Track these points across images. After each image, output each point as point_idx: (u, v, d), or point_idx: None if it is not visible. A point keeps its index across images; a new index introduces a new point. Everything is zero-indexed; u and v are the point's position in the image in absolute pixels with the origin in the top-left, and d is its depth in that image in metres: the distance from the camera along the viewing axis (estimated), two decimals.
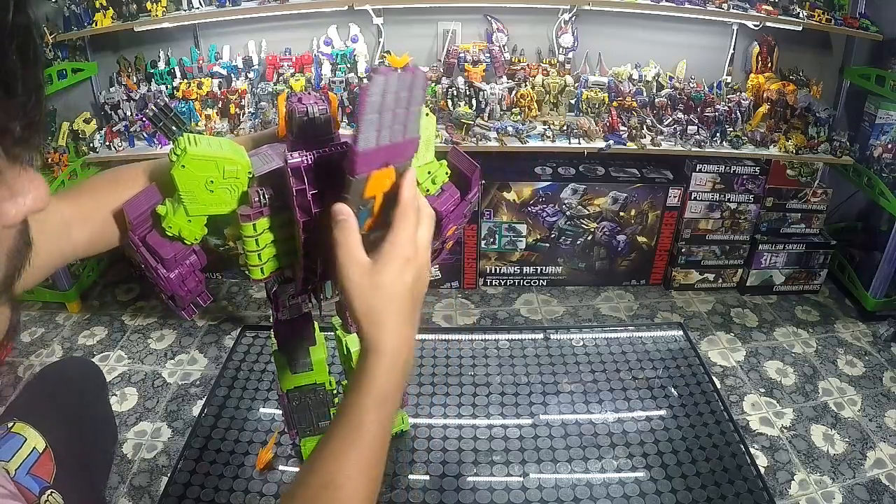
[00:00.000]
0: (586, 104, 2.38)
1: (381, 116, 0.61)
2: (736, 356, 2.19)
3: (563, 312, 2.44)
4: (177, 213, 0.75)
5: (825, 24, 2.22)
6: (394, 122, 0.63)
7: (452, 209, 0.89)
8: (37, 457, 0.89)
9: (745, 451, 1.04)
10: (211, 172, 0.73)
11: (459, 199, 0.89)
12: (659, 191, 2.40)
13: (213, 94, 2.40)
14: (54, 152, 2.36)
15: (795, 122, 2.38)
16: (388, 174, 0.64)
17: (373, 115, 0.60)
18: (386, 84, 0.60)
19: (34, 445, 0.90)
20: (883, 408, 1.97)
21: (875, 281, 2.33)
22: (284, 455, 1.04)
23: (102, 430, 1.09)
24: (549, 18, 2.41)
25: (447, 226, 0.89)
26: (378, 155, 0.63)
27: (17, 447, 0.88)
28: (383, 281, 0.61)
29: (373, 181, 0.64)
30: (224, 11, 2.24)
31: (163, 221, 0.76)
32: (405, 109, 0.63)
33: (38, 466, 0.89)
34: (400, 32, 2.45)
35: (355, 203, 0.64)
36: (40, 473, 0.89)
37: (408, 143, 0.64)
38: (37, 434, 0.91)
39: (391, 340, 0.62)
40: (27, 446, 0.89)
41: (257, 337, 1.32)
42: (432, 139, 0.84)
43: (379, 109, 0.60)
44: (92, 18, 2.21)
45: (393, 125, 0.63)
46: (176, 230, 0.76)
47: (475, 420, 1.10)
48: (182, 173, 0.73)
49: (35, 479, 0.88)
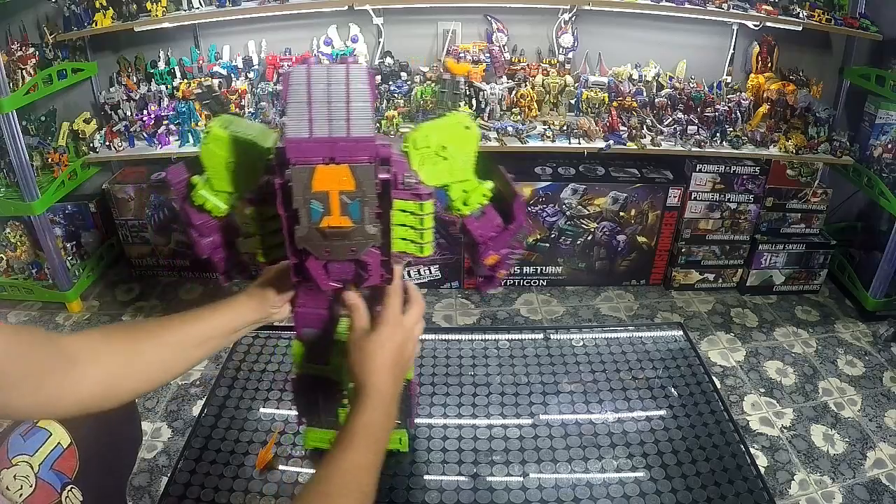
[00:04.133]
0: (586, 104, 2.38)
1: (311, 107, 0.62)
2: (736, 356, 2.19)
3: (563, 312, 2.44)
4: (204, 186, 0.79)
5: (825, 24, 2.22)
6: (331, 116, 0.63)
7: (492, 235, 0.84)
8: (61, 452, 0.89)
9: (745, 451, 1.04)
10: (231, 154, 0.76)
11: (501, 227, 0.84)
12: (659, 191, 2.40)
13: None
14: (54, 152, 2.36)
15: (795, 122, 2.38)
16: (342, 172, 0.64)
17: (299, 104, 0.62)
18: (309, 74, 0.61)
19: (59, 441, 0.90)
20: (883, 408, 1.96)
21: (875, 281, 2.33)
22: (284, 455, 1.04)
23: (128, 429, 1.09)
24: (549, 18, 2.41)
25: (485, 252, 0.85)
26: (316, 147, 0.62)
27: (42, 441, 0.88)
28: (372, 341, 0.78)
29: (320, 175, 0.64)
30: (224, 11, 2.24)
31: (192, 191, 0.80)
32: (344, 104, 0.63)
33: (61, 462, 0.89)
34: (400, 32, 2.45)
35: (301, 194, 0.65)
36: (63, 469, 0.89)
37: (358, 142, 0.63)
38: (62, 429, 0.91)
39: (377, 383, 0.76)
40: (52, 441, 0.89)
41: (257, 337, 1.32)
42: (471, 154, 0.78)
43: (306, 99, 0.62)
44: (92, 18, 2.21)
45: (331, 119, 0.62)
46: (201, 201, 0.80)
47: (475, 420, 1.09)
48: (207, 150, 0.77)
49: (58, 475, 0.88)
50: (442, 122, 0.76)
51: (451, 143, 0.76)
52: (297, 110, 0.63)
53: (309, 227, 0.68)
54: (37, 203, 2.20)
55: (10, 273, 2.49)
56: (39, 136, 2.41)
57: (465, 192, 0.81)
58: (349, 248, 0.71)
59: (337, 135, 0.63)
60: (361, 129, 0.63)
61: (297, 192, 0.65)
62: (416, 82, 2.36)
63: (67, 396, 0.71)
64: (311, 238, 0.70)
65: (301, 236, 0.69)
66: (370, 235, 0.70)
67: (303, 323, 0.90)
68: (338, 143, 0.63)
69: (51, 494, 0.86)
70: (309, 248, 0.71)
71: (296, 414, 1.10)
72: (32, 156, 2.29)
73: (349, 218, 0.68)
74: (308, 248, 0.71)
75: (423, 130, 0.75)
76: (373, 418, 0.74)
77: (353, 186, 0.65)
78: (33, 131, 2.39)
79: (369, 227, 0.69)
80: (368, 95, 0.63)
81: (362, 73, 0.63)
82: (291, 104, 0.62)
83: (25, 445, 0.87)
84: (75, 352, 0.72)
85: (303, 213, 0.67)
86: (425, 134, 0.75)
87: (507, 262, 0.89)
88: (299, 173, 0.64)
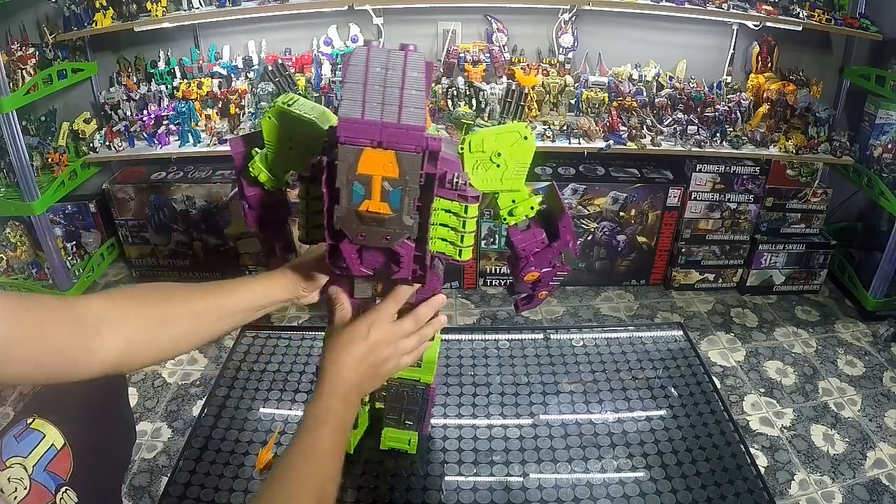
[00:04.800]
0: (586, 104, 2.38)
1: (367, 89, 0.63)
2: (736, 356, 2.19)
3: (563, 312, 2.44)
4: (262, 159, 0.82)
5: (825, 24, 2.22)
6: (384, 100, 0.63)
7: (535, 250, 0.84)
8: (55, 453, 0.89)
9: (745, 451, 1.04)
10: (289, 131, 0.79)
11: (544, 243, 0.84)
12: (659, 191, 2.40)
13: (213, 94, 2.40)
14: (54, 152, 2.36)
15: (795, 122, 2.38)
16: (387, 157, 0.64)
17: (355, 85, 0.62)
18: (369, 56, 0.62)
19: (52, 442, 0.89)
20: (883, 408, 1.96)
21: (875, 281, 2.33)
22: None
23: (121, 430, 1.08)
24: (549, 18, 2.41)
25: (526, 267, 0.85)
26: (366, 129, 0.63)
27: (36, 443, 0.88)
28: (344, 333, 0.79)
29: (366, 157, 0.64)
30: (224, 11, 2.24)
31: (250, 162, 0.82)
32: (398, 90, 0.63)
33: (55, 463, 0.89)
34: (400, 32, 2.45)
35: (345, 173, 0.65)
36: (57, 470, 0.89)
37: (408, 130, 0.64)
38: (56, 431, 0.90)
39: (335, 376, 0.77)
40: (45, 442, 0.89)
41: (257, 337, 1.32)
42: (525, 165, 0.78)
43: (362, 81, 0.62)
44: (92, 18, 2.21)
45: (384, 103, 0.63)
46: (256, 172, 0.82)
47: (475, 420, 1.09)
48: (268, 124, 0.79)
49: (52, 476, 0.88)
50: (500, 129, 0.76)
51: (505, 150, 0.76)
52: (353, 91, 0.63)
53: (348, 209, 0.68)
54: (37, 203, 2.20)
55: (10, 273, 2.49)
56: (39, 136, 2.41)
57: (514, 202, 0.81)
58: (384, 235, 0.70)
59: (388, 119, 0.63)
60: (412, 118, 0.63)
61: (341, 171, 0.65)
62: None
63: (87, 365, 0.70)
64: (349, 220, 0.69)
65: (340, 216, 0.69)
66: (406, 226, 0.69)
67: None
68: (388, 127, 0.63)
69: (45, 496, 0.86)
70: (345, 230, 0.71)
71: (298, 413, 1.11)
72: (32, 156, 2.29)
73: (388, 205, 0.67)
74: (344, 229, 0.70)
75: (481, 135, 0.75)
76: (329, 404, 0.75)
77: (396, 174, 0.65)
78: (33, 131, 2.39)
79: (406, 218, 0.69)
80: (423, 84, 0.64)
81: (420, 63, 0.64)
82: (348, 84, 0.63)
83: (19, 447, 0.86)
84: (98, 318, 0.71)
85: (344, 194, 0.67)
86: (481, 138, 0.75)
87: (549, 282, 0.88)
88: (346, 153, 0.64)
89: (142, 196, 2.46)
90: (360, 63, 0.63)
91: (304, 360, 1.25)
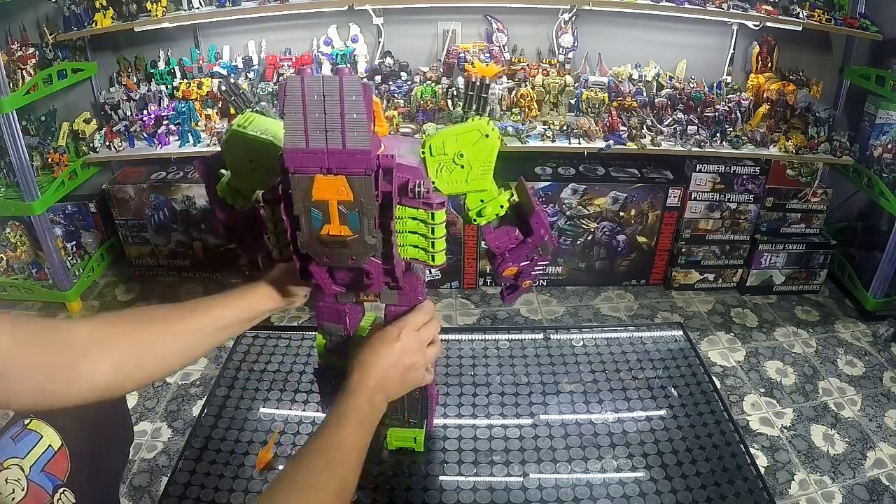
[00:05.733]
0: (586, 104, 2.38)
1: (307, 118, 0.62)
2: (736, 356, 2.20)
3: (563, 312, 2.44)
4: (227, 180, 0.81)
5: (825, 24, 2.22)
6: (327, 127, 0.63)
7: (510, 247, 0.83)
8: (52, 454, 0.89)
9: (745, 451, 1.04)
10: (249, 153, 0.77)
11: (518, 239, 0.83)
12: (659, 191, 2.40)
13: (213, 94, 2.40)
14: (54, 152, 2.36)
15: (795, 122, 2.38)
16: (339, 182, 0.64)
17: (295, 115, 0.62)
18: (303, 85, 0.61)
19: (49, 443, 0.89)
20: (883, 408, 1.96)
21: (875, 281, 2.33)
22: (284, 455, 1.04)
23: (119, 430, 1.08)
24: (549, 18, 2.41)
25: (503, 263, 0.84)
26: (314, 157, 0.64)
27: (33, 444, 0.87)
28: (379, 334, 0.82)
29: (319, 184, 0.65)
30: (224, 11, 2.24)
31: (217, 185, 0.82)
32: (338, 116, 0.62)
33: (52, 464, 0.88)
34: (400, 32, 2.45)
35: (301, 201, 0.66)
36: (54, 471, 0.88)
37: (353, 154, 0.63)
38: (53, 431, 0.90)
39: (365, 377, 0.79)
40: (42, 444, 0.88)
41: (257, 337, 1.32)
42: (490, 164, 0.75)
43: (301, 110, 0.62)
44: (92, 18, 2.21)
45: (327, 130, 0.62)
46: (223, 195, 0.81)
47: (475, 420, 1.09)
48: (227, 147, 0.78)
49: (49, 477, 0.87)
50: (459, 129, 0.73)
51: (468, 150, 0.73)
52: (294, 120, 0.63)
53: (310, 234, 0.69)
54: (37, 203, 2.20)
55: (10, 273, 2.49)
56: (39, 136, 2.41)
57: (482, 202, 0.79)
58: (349, 256, 0.71)
59: (333, 146, 0.63)
60: (356, 141, 0.63)
61: (296, 199, 0.66)
62: (415, 82, 2.36)
63: (78, 387, 0.70)
64: (312, 244, 0.70)
65: (303, 241, 0.70)
66: (370, 246, 0.70)
67: (322, 317, 0.90)
68: (334, 154, 0.63)
69: (42, 497, 0.85)
70: (310, 254, 0.71)
71: (298, 413, 1.11)
72: (32, 156, 2.30)
73: (349, 227, 0.68)
74: (310, 252, 0.71)
75: (441, 136, 0.73)
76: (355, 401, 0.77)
77: (350, 197, 0.66)
78: (33, 131, 2.39)
79: (369, 238, 0.69)
80: (363, 107, 0.62)
81: (356, 85, 0.62)
82: (288, 114, 0.63)
83: (16, 448, 0.86)
84: (85, 341, 0.71)
85: (303, 221, 0.68)
86: (441, 140, 0.73)
87: (530, 273, 0.88)
88: (298, 181, 0.65)
89: (142, 196, 2.46)
90: (296, 92, 0.62)
91: (304, 360, 1.25)
